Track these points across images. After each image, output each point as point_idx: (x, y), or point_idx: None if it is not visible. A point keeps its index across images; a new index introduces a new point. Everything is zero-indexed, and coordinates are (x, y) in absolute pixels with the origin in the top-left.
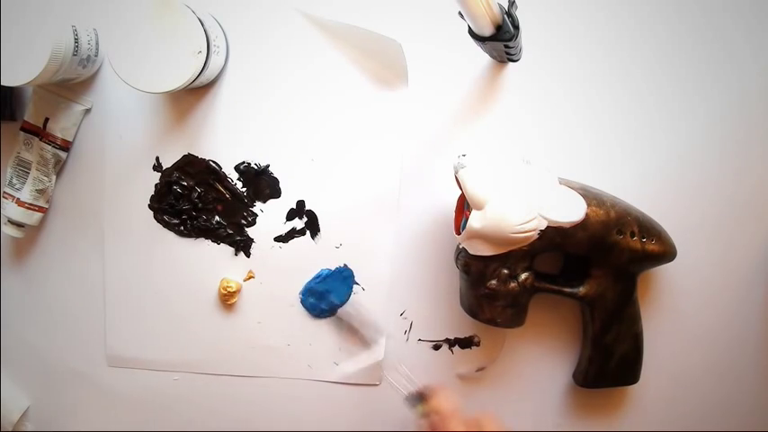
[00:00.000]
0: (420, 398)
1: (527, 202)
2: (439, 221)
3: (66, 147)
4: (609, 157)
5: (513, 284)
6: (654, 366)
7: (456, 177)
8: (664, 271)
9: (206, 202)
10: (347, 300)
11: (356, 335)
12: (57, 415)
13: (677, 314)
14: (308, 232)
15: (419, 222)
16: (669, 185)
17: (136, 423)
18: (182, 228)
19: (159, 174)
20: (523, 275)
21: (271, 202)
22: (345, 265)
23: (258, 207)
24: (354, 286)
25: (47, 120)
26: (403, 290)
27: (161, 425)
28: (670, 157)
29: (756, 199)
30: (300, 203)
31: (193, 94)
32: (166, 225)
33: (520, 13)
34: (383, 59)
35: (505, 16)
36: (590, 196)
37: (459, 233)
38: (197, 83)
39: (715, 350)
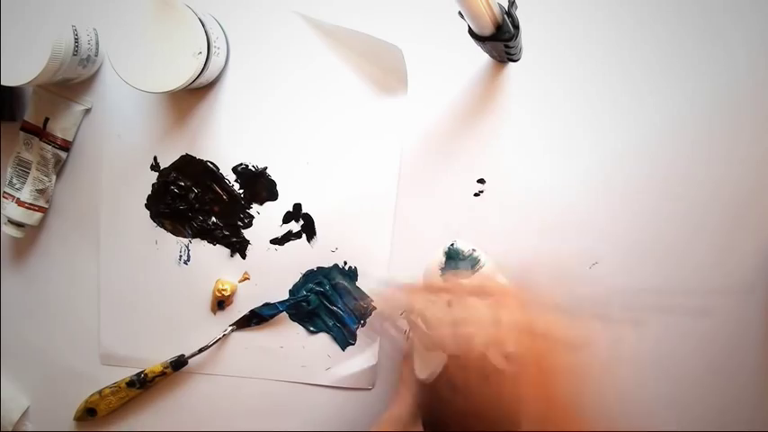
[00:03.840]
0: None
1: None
2: (439, 220)
3: (66, 147)
4: (609, 157)
5: None
6: (654, 366)
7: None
8: (663, 270)
9: (203, 202)
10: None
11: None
12: (57, 415)
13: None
14: (303, 235)
15: (419, 221)
16: (669, 185)
17: (135, 423)
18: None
19: (157, 173)
20: None
21: (267, 204)
22: (347, 265)
23: (255, 209)
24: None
25: (47, 120)
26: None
27: (158, 425)
28: (670, 157)
29: (756, 199)
30: (297, 206)
31: (193, 95)
32: (162, 225)
33: (520, 13)
34: (383, 64)
35: (505, 16)
36: None
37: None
38: (197, 83)
39: (715, 350)
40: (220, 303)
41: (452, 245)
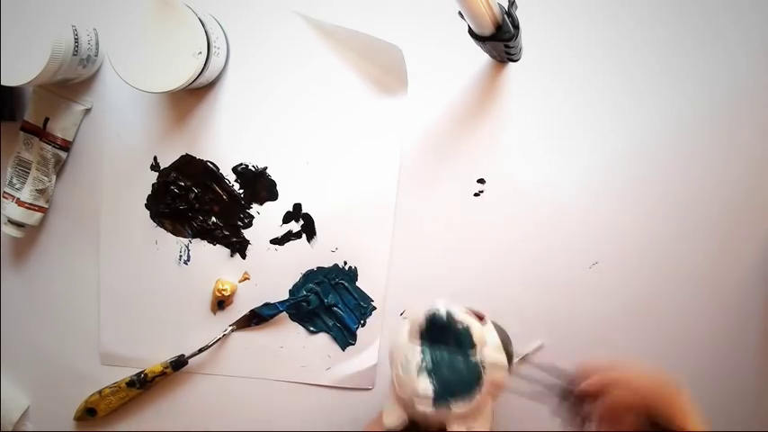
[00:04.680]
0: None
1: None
2: (439, 220)
3: (66, 146)
4: (609, 157)
5: None
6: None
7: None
8: (662, 271)
9: (203, 202)
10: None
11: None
12: (57, 415)
13: (676, 314)
14: (303, 235)
15: (419, 222)
16: (669, 186)
17: (135, 423)
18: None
19: (157, 173)
20: None
21: (267, 204)
22: (347, 265)
23: (255, 209)
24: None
25: (47, 120)
26: (402, 289)
27: (158, 425)
28: (670, 157)
29: (755, 199)
30: (297, 206)
31: (193, 95)
32: (162, 225)
33: (520, 13)
34: (383, 64)
35: (505, 16)
36: None
37: None
38: (197, 83)
39: (714, 350)
40: (220, 303)
41: (438, 311)
